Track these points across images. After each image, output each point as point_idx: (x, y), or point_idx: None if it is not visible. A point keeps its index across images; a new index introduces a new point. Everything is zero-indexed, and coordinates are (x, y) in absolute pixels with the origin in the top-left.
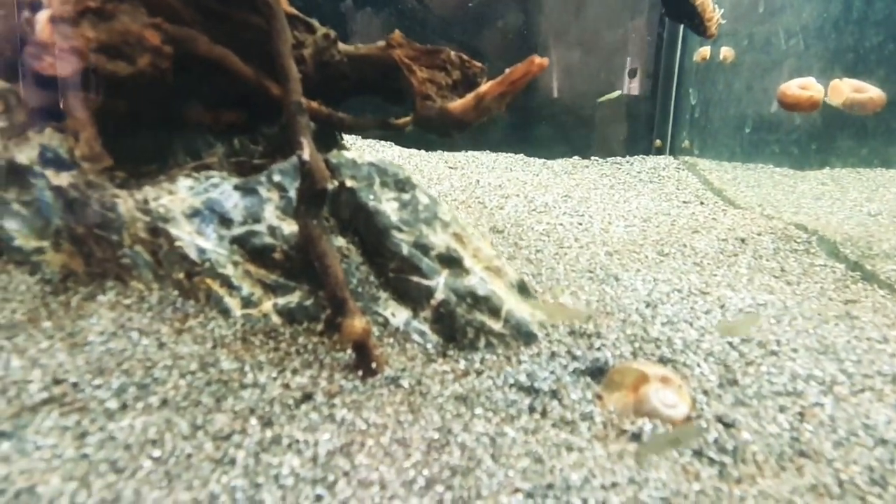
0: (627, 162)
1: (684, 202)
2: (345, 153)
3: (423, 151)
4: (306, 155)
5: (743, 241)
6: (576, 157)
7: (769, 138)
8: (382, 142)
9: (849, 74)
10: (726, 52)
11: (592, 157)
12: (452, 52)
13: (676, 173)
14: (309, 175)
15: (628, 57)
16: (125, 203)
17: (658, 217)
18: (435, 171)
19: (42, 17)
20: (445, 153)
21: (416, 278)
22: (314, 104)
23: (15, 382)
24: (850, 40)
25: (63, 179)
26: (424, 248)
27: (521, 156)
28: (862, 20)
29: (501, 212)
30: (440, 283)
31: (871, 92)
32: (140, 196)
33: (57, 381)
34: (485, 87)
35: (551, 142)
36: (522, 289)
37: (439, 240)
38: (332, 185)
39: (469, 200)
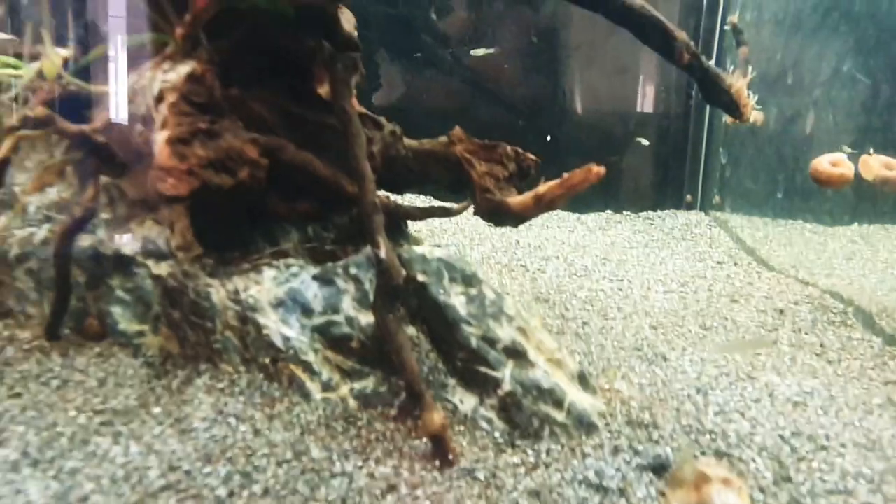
0: (659, 217)
1: (718, 262)
2: (415, 248)
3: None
4: (383, 253)
5: (781, 312)
6: (608, 211)
7: (802, 206)
8: (422, 197)
9: (878, 151)
10: (756, 115)
11: (625, 212)
12: (508, 147)
13: (709, 230)
14: (386, 272)
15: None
16: (218, 293)
17: (695, 281)
18: (476, 230)
19: (160, 138)
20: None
21: (484, 369)
22: (384, 198)
23: (136, 469)
24: (878, 122)
25: (162, 269)
26: (491, 342)
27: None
28: (891, 105)
29: (543, 276)
30: (507, 374)
31: None
32: (231, 286)
33: (172, 468)
34: (543, 188)
35: (583, 194)
36: (582, 379)
37: (505, 333)
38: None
39: (511, 263)
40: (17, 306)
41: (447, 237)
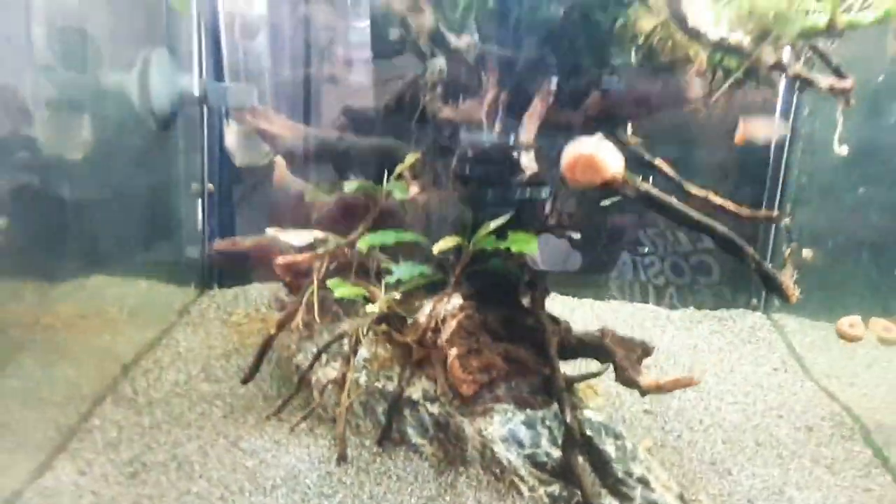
0: (731, 318)
1: (774, 369)
2: (585, 412)
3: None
4: (569, 420)
5: (811, 429)
6: (692, 309)
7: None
8: None
9: None
10: (806, 253)
11: (704, 310)
12: (637, 339)
13: (769, 335)
14: (570, 431)
15: None
16: (469, 427)
17: (755, 391)
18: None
19: (452, 353)
20: (590, 300)
21: (625, 489)
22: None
23: None
24: None
25: (434, 408)
26: (630, 474)
27: (651, 306)
28: None
29: None
30: (638, 494)
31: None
32: (476, 425)
33: None
34: (664, 382)
35: (673, 288)
36: (682, 497)
37: (637, 470)
38: None
39: None
40: (353, 421)
41: None
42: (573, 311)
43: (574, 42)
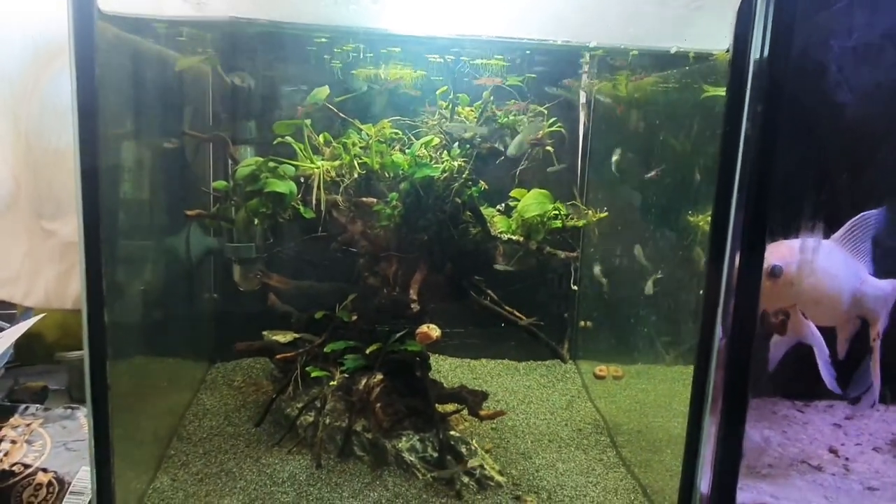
0: (553, 365)
1: (571, 398)
2: (450, 432)
3: None
4: (441, 437)
5: (580, 430)
6: (531, 360)
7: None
8: None
9: None
10: (586, 323)
11: (539, 361)
12: (483, 391)
13: (573, 375)
14: (442, 443)
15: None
16: (388, 445)
17: (557, 410)
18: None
19: (377, 406)
20: (469, 360)
21: (471, 470)
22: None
23: None
24: None
25: (368, 435)
26: (473, 463)
27: (507, 361)
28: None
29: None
30: (478, 472)
31: None
32: (391, 443)
33: None
34: (489, 413)
35: (525, 347)
36: (501, 472)
37: (478, 461)
38: None
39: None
40: (323, 445)
41: None
42: (456, 369)
43: (438, 241)
